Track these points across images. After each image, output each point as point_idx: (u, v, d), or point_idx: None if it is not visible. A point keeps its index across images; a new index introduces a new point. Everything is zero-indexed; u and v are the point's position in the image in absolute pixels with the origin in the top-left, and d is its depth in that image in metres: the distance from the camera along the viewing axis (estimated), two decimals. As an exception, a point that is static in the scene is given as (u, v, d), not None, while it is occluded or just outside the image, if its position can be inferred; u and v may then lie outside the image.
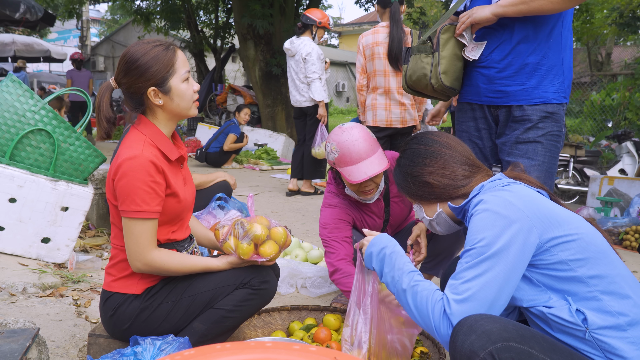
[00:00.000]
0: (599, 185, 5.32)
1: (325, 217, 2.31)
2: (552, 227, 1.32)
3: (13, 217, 2.66)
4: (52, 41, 24.54)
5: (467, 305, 1.28)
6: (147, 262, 1.61)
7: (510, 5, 1.97)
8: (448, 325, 1.29)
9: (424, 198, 1.60)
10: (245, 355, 0.86)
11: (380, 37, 3.98)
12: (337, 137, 2.11)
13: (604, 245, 1.35)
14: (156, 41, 1.66)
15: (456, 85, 2.16)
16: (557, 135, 2.08)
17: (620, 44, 17.75)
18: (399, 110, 3.98)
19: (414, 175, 1.58)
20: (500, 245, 1.29)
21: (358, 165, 2.07)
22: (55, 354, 1.92)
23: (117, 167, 1.59)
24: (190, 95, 1.68)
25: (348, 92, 24.26)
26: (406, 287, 1.41)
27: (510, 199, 1.34)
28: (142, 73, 1.60)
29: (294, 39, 5.30)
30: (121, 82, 1.64)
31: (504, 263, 1.28)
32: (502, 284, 1.28)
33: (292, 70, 5.34)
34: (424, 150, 1.59)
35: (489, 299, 1.28)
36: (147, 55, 1.60)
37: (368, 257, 1.56)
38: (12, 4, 7.95)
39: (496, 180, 1.48)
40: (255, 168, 7.59)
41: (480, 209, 1.37)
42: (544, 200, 1.40)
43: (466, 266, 1.32)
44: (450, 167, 1.54)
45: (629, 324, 1.26)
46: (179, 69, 1.64)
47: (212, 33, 13.71)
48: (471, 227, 1.37)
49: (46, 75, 17.93)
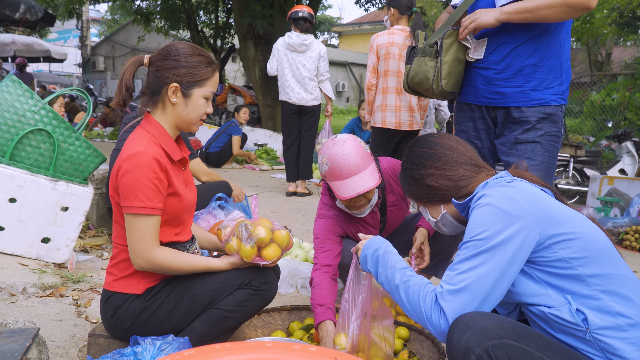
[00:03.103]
0: (599, 185, 5.32)
1: (318, 227, 2.28)
2: (553, 225, 1.32)
3: (13, 217, 2.66)
4: (52, 41, 24.54)
5: (461, 296, 1.28)
6: (149, 260, 1.61)
7: (515, 13, 1.96)
8: (440, 314, 1.29)
9: (428, 200, 1.61)
10: (245, 355, 0.86)
11: (397, 38, 3.98)
12: (329, 149, 2.02)
13: (606, 245, 1.35)
14: (203, 51, 1.72)
15: (456, 89, 2.19)
16: (556, 135, 2.09)
17: (620, 44, 17.75)
18: (407, 113, 4.00)
19: (417, 179, 1.59)
20: (499, 240, 1.29)
21: (347, 181, 1.99)
22: (55, 354, 1.92)
23: (121, 163, 1.60)
24: (202, 112, 1.72)
25: (348, 92, 24.25)
26: (399, 283, 1.42)
27: (512, 194, 1.34)
28: (178, 67, 1.64)
29: (302, 35, 5.17)
30: (155, 63, 1.67)
31: (501, 257, 1.28)
32: (498, 278, 1.28)
33: (300, 67, 5.19)
34: (424, 153, 1.59)
35: (483, 291, 1.28)
36: (193, 57, 1.66)
37: (363, 259, 1.58)
38: (12, 4, 7.95)
39: (500, 177, 1.48)
40: (255, 168, 7.58)
41: (481, 203, 1.37)
42: (547, 198, 1.40)
43: (463, 258, 1.33)
44: (451, 169, 1.54)
45: (629, 325, 1.25)
46: (207, 85, 1.69)
47: (212, 33, 13.73)
48: (471, 220, 1.38)
49: (46, 75, 17.95)
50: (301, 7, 5.27)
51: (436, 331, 1.31)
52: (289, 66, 5.24)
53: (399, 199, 2.35)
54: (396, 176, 2.34)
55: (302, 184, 5.58)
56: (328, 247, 2.20)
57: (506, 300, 1.40)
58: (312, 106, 5.32)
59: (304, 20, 5.19)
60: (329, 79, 5.38)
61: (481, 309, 1.28)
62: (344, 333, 1.75)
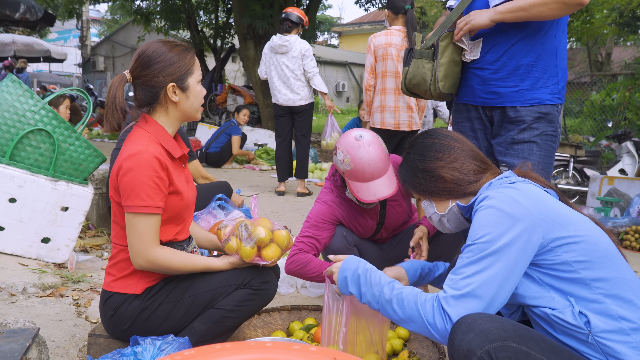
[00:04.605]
0: (599, 185, 5.32)
1: (312, 211, 2.34)
2: (556, 228, 1.31)
3: (13, 217, 2.66)
4: (52, 41, 24.54)
5: (466, 301, 1.27)
6: (149, 259, 1.61)
7: (508, 12, 1.97)
8: (445, 319, 1.28)
9: (435, 194, 1.56)
10: (245, 355, 0.86)
11: (394, 39, 3.98)
12: (354, 150, 2.06)
13: (610, 248, 1.34)
14: (174, 41, 1.71)
15: (453, 91, 2.20)
16: (552, 135, 2.09)
17: (620, 44, 17.74)
18: (406, 113, 4.00)
19: (426, 170, 1.54)
20: (502, 243, 1.28)
21: (368, 185, 2.06)
22: (55, 354, 1.92)
23: (122, 163, 1.60)
24: (202, 96, 1.74)
25: (348, 92, 24.25)
26: (389, 296, 1.39)
27: (515, 196, 1.33)
28: (164, 68, 1.63)
29: (284, 36, 5.20)
30: (139, 75, 1.65)
31: (505, 260, 1.27)
32: (503, 282, 1.28)
33: (284, 68, 5.23)
34: (435, 144, 1.55)
35: (488, 295, 1.27)
36: (170, 52, 1.65)
37: (342, 282, 1.52)
38: (12, 4, 7.96)
39: (504, 177, 1.46)
40: (255, 168, 7.58)
41: (485, 205, 1.35)
42: (551, 199, 1.38)
43: (467, 262, 1.31)
44: (462, 161, 1.52)
45: (632, 329, 1.25)
46: (195, 70, 1.70)
47: (212, 33, 13.72)
48: (475, 223, 1.36)
49: (46, 75, 17.94)
50: (289, 9, 5.32)
51: (442, 336, 1.29)
52: (275, 68, 5.30)
53: (399, 195, 2.37)
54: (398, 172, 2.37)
55: (301, 184, 5.58)
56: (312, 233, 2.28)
57: (509, 301, 1.39)
58: (301, 106, 5.32)
59: (286, 20, 5.24)
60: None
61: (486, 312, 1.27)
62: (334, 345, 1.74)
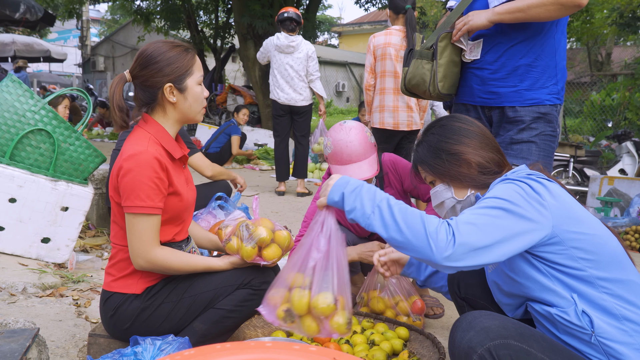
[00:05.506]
0: (599, 185, 5.32)
1: (309, 211, 2.35)
2: (568, 221, 1.30)
3: (13, 217, 2.66)
4: (52, 41, 24.54)
5: (471, 228, 1.22)
6: (149, 260, 1.61)
7: (506, 13, 1.97)
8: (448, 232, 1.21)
9: (456, 179, 1.49)
10: (245, 355, 0.86)
11: (394, 39, 3.98)
12: (335, 134, 2.13)
13: (617, 249, 1.33)
14: (175, 42, 1.70)
15: (452, 91, 2.21)
16: (551, 135, 2.10)
17: (620, 44, 17.75)
18: (406, 113, 4.00)
19: (451, 153, 1.48)
20: (519, 211, 1.25)
21: (345, 167, 2.08)
22: (55, 354, 1.92)
23: (122, 163, 1.60)
24: (202, 99, 1.73)
25: (348, 92, 24.25)
26: (393, 203, 1.30)
27: (534, 185, 1.32)
28: (162, 68, 1.63)
29: (290, 36, 5.19)
30: (138, 75, 1.66)
31: (514, 224, 1.24)
32: (506, 236, 1.23)
33: (288, 68, 5.22)
34: (464, 129, 1.51)
35: (490, 237, 1.22)
36: (169, 52, 1.65)
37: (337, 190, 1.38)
38: (12, 4, 7.96)
39: (519, 170, 1.45)
40: (255, 168, 7.59)
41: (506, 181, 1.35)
42: (566, 194, 1.38)
43: (481, 206, 1.29)
44: (488, 150, 1.50)
45: (635, 331, 1.25)
46: (195, 71, 1.69)
47: (212, 33, 13.72)
48: (494, 189, 1.33)
49: (46, 75, 17.94)
50: (287, 8, 5.30)
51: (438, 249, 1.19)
52: (277, 67, 5.28)
53: (396, 194, 2.37)
54: (396, 170, 2.38)
55: (301, 184, 5.58)
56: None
57: (515, 292, 1.39)
58: (302, 106, 5.32)
59: (290, 20, 5.21)
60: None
61: (481, 254, 1.21)
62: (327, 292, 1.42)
